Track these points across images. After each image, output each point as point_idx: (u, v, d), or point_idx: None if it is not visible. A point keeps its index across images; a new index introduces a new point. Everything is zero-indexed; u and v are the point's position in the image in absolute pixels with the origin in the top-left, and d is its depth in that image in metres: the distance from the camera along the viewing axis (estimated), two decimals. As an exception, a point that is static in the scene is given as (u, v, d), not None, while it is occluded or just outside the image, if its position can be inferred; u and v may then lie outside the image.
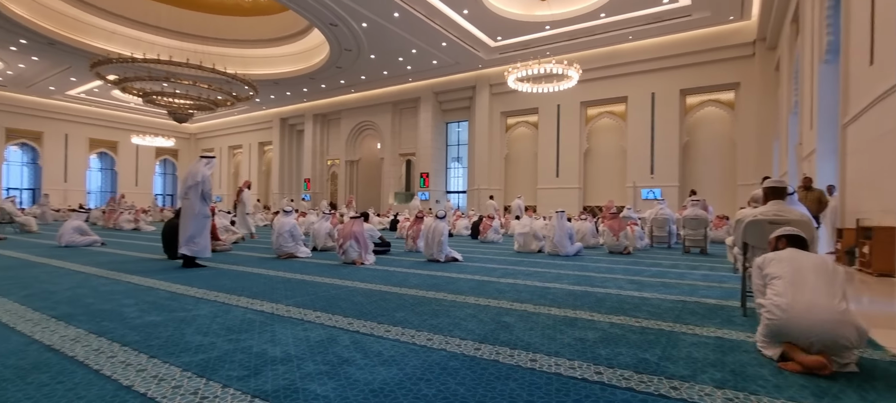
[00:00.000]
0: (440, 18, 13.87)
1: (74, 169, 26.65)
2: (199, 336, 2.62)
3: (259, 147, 29.02)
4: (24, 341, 2.52)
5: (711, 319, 3.18)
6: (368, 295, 3.93)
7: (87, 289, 4.07)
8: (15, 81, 21.21)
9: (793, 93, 10.20)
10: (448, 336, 2.70)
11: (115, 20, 16.32)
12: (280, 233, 6.77)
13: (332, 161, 24.91)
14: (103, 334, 2.66)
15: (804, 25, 8.83)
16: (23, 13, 14.33)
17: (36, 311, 3.22)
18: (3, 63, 18.57)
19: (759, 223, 3.38)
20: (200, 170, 5.63)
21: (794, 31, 10.17)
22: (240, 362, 2.20)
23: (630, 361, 2.27)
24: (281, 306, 3.47)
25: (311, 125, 24.95)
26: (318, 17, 13.68)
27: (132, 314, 3.17)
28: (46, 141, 25.41)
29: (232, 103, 18.58)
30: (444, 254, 6.40)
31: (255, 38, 18.57)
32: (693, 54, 14.93)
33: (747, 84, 14.34)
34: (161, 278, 4.74)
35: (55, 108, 25.00)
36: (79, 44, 16.18)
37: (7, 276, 4.73)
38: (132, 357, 2.27)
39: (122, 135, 28.06)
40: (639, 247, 8.71)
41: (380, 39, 15.33)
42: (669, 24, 14.08)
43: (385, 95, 21.67)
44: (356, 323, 2.98)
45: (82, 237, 8.19)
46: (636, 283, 4.72)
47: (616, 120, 17.04)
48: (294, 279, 4.80)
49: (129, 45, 16.26)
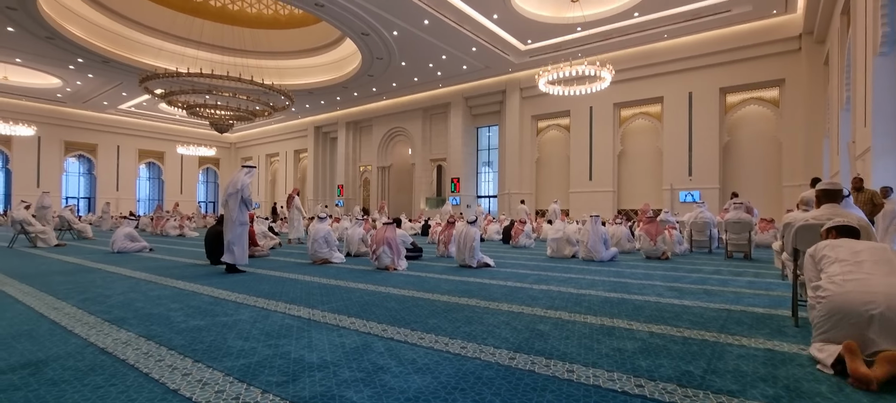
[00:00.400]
0: (470, 24, 13.91)
1: (125, 178, 28.32)
2: (240, 341, 2.72)
3: (295, 154, 29.92)
4: (81, 343, 2.69)
5: (760, 329, 3.01)
6: (401, 301, 3.96)
7: (138, 294, 4.30)
8: (73, 98, 22.80)
9: (844, 88, 9.59)
10: (482, 344, 2.68)
11: (163, 37, 17.29)
12: (315, 239, 6.93)
13: (365, 167, 25.36)
14: (152, 337, 2.80)
15: (856, 16, 8.30)
16: (81, 34, 15.41)
17: (92, 315, 3.42)
18: (62, 81, 20.00)
19: (813, 228, 3.18)
20: (241, 178, 5.86)
21: (845, 22, 9.57)
22: (279, 367, 2.26)
23: (672, 374, 2.18)
24: (317, 311, 3.54)
25: (344, 132, 25.51)
26: (351, 27, 14.00)
27: (178, 318, 3.31)
28: (100, 152, 27.14)
29: (269, 113, 19.25)
30: (476, 260, 6.37)
31: (291, 50, 19.21)
32: (733, 51, 14.29)
33: (793, 80, 13.58)
34: (204, 283, 4.94)
35: (108, 122, 26.69)
36: (130, 61, 17.23)
37: (67, 281, 5.07)
38: (178, 361, 2.38)
39: (168, 146, 29.61)
40: (677, 252, 8.38)
41: (410, 47, 15.52)
42: (708, 21, 13.54)
43: (415, 101, 21.89)
44: (390, 329, 3.01)
45: (133, 243, 8.66)
46: (676, 290, 4.54)
47: (651, 121, 16.52)
48: (329, 284, 4.90)
49: (175, 60, 17.17)
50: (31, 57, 16.78)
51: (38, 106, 23.63)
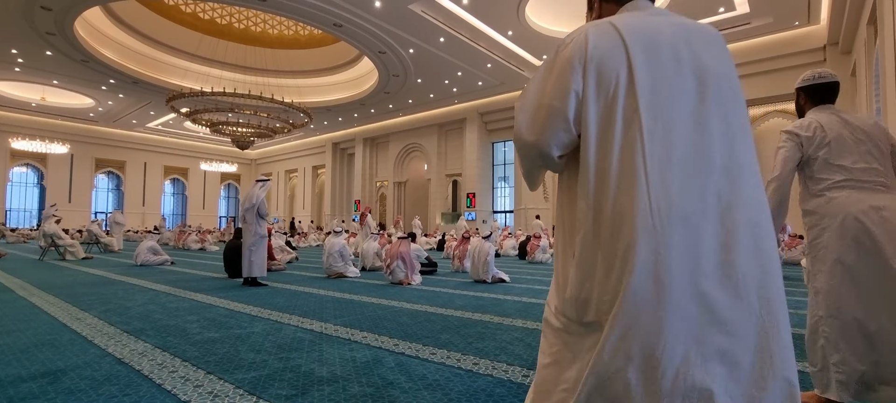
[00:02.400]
0: (485, 41, 14.03)
1: (151, 194, 29.21)
2: (252, 354, 2.72)
3: (313, 170, 30.42)
4: (99, 353, 2.73)
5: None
6: (414, 316, 3.92)
7: (157, 306, 4.37)
8: (104, 117, 23.78)
9: (874, 100, 9.28)
10: (494, 360, 2.62)
11: (190, 58, 17.96)
12: (330, 253, 6.98)
13: (381, 182, 25.58)
14: (167, 349, 2.83)
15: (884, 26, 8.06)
16: (113, 57, 16.13)
17: (112, 325, 3.49)
18: (95, 101, 20.91)
19: (841, 243, 3.04)
20: (256, 192, 6.00)
21: (873, 32, 9.30)
22: (289, 381, 2.25)
23: (693, 395, 2.08)
24: (329, 325, 3.54)
25: (361, 148, 25.86)
26: (368, 46, 14.28)
27: (194, 330, 3.35)
28: (128, 169, 28.12)
29: (289, 130, 19.68)
30: (490, 275, 6.30)
31: (310, 69, 19.70)
32: (754, 63, 14.01)
33: (819, 92, 13.22)
34: (221, 295, 5.01)
35: (136, 139, 27.70)
36: (158, 81, 17.92)
37: (91, 292, 5.20)
38: (191, 372, 2.39)
39: (191, 162, 30.49)
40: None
41: (426, 64, 15.72)
42: (727, 34, 13.34)
43: (431, 118, 22.08)
44: (401, 344, 2.98)
45: (155, 256, 8.87)
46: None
47: (671, 135, 16.26)
48: (342, 298, 4.90)
49: (200, 80, 17.78)
50: (66, 79, 17.62)
51: (72, 125, 24.71)
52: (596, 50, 0.98)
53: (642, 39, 0.99)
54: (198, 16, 16.51)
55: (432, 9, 12.05)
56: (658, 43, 1.00)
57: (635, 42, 0.98)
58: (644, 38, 0.99)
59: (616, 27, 1.01)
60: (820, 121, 2.07)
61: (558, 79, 1.00)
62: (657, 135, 0.94)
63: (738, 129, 0.99)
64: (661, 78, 0.97)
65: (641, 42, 0.99)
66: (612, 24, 1.02)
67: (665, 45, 1.00)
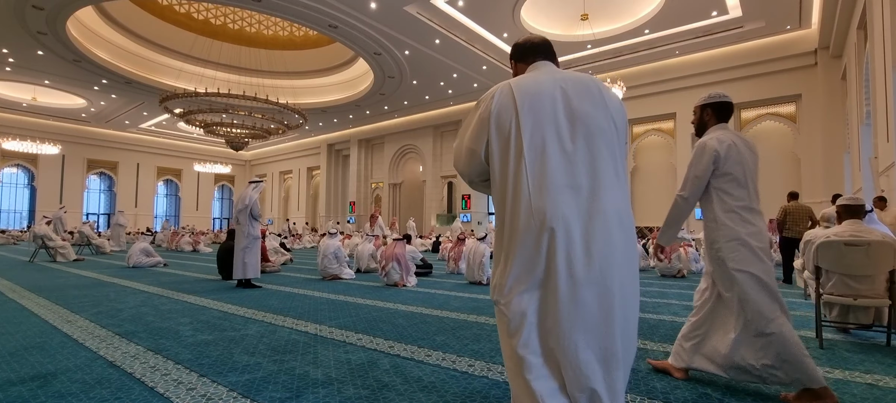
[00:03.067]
0: (480, 43, 14.05)
1: (144, 195, 28.95)
2: (246, 356, 2.70)
3: (307, 172, 30.28)
4: (90, 356, 2.70)
5: (781, 351, 2.89)
6: (409, 318, 3.91)
7: (149, 308, 4.33)
8: (96, 117, 23.54)
9: (864, 104, 9.39)
10: (490, 362, 2.62)
11: (183, 59, 17.83)
12: (325, 255, 6.95)
13: (376, 184, 25.52)
14: (160, 351, 2.80)
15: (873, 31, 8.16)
16: (106, 57, 15.98)
17: (103, 328, 3.45)
18: (87, 101, 20.70)
19: (835, 244, 3.08)
20: (249, 193, 5.96)
21: (862, 37, 9.42)
22: (283, 383, 2.23)
23: (689, 396, 2.09)
24: (324, 327, 3.52)
25: (356, 150, 25.79)
26: (364, 47, 14.26)
27: (187, 332, 3.32)
28: (121, 170, 27.85)
29: (283, 131, 19.58)
30: (486, 276, 6.30)
31: (305, 70, 19.63)
32: (747, 66, 14.14)
33: (810, 95, 13.35)
34: (214, 298, 4.97)
35: (129, 140, 27.45)
36: (151, 82, 17.77)
37: (82, 294, 5.14)
38: (184, 375, 2.37)
39: (185, 163, 30.26)
40: (694, 270, 8.18)
41: (421, 65, 15.72)
42: (720, 37, 13.47)
43: (427, 119, 22.08)
44: (397, 346, 2.96)
45: (148, 258, 8.79)
46: (692, 309, 4.40)
47: (664, 137, 16.35)
48: (337, 300, 4.88)
49: (194, 80, 17.66)
50: (58, 79, 17.43)
51: (64, 125, 24.45)
52: (497, 107, 1.43)
53: (529, 95, 1.41)
54: (192, 16, 16.42)
55: (427, 10, 12.06)
56: (541, 95, 1.42)
57: (523, 98, 1.41)
58: (530, 94, 1.42)
59: (512, 88, 1.44)
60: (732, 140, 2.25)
61: (475, 130, 1.48)
62: (536, 166, 1.36)
63: (600, 157, 1.38)
64: (540, 123, 1.39)
65: (528, 97, 1.41)
66: (510, 85, 1.45)
67: (546, 96, 1.42)
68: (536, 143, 1.37)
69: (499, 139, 1.42)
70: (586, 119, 1.40)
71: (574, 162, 1.37)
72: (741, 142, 2.24)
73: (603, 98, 1.45)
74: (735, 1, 11.56)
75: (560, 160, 1.36)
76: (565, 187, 1.34)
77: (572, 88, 1.43)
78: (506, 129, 1.41)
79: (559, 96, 1.42)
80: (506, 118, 1.41)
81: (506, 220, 1.41)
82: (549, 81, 1.45)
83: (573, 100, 1.41)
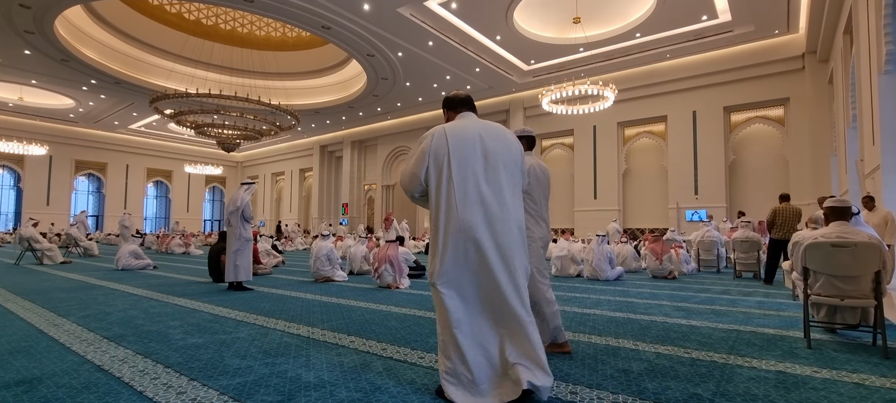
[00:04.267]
0: (473, 45, 14.09)
1: (133, 196, 28.59)
2: (237, 360, 2.67)
3: (300, 173, 30.12)
4: (77, 361, 2.66)
5: (771, 351, 2.93)
6: (402, 320, 3.90)
7: (139, 311, 4.27)
8: (85, 118, 23.22)
9: (850, 107, 9.55)
10: (483, 364, 2.61)
11: (174, 59, 17.66)
12: (317, 257, 6.91)
13: (369, 186, 25.45)
14: (149, 355, 2.77)
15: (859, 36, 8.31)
16: (95, 57, 15.78)
17: (91, 332, 3.40)
18: (75, 102, 20.41)
19: (822, 246, 3.12)
20: (240, 194, 5.90)
21: (848, 42, 9.58)
22: (275, 387, 2.22)
23: (680, 396, 2.11)
24: (317, 329, 3.50)
25: (349, 151, 25.70)
26: (357, 48, 14.23)
27: (177, 336, 3.28)
28: (110, 171, 27.48)
29: (276, 132, 19.46)
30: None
31: (298, 71, 19.53)
32: (736, 70, 14.32)
33: (798, 98, 13.56)
34: (205, 300, 4.91)
35: (118, 141, 27.10)
36: (142, 82, 17.57)
37: (69, 297, 5.06)
38: (173, 379, 2.34)
39: (175, 165, 29.94)
40: (685, 272, 8.25)
41: (415, 67, 15.71)
42: (710, 41, 13.63)
43: (420, 121, 22.07)
44: (390, 348, 2.96)
45: (137, 261, 8.68)
46: (683, 310, 4.45)
47: (656, 139, 16.50)
48: (330, 303, 4.85)
49: (185, 81, 17.49)
50: (45, 78, 17.17)
51: (51, 126, 24.08)
52: (435, 145, 2.06)
53: (457, 136, 2.05)
54: (183, 16, 16.26)
55: (421, 12, 12.07)
56: (464, 138, 2.06)
57: (453, 139, 2.05)
58: (457, 136, 2.06)
59: (445, 132, 2.07)
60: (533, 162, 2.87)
61: (417, 159, 2.09)
62: (459, 188, 2.00)
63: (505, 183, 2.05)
64: (464, 157, 2.02)
65: (456, 138, 2.05)
66: (444, 129, 2.08)
67: (468, 139, 2.06)
68: (462, 173, 2.01)
69: (435, 168, 2.05)
70: (496, 156, 2.07)
71: (487, 186, 2.03)
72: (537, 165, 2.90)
73: (508, 141, 2.15)
74: (724, 5, 11.71)
75: (477, 185, 2.02)
76: (480, 203, 2.00)
77: (487, 134, 2.10)
78: (440, 162, 2.04)
79: (478, 140, 2.07)
80: (441, 154, 2.04)
81: (440, 225, 2.02)
82: (472, 128, 2.11)
83: (487, 143, 2.08)
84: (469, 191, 1.98)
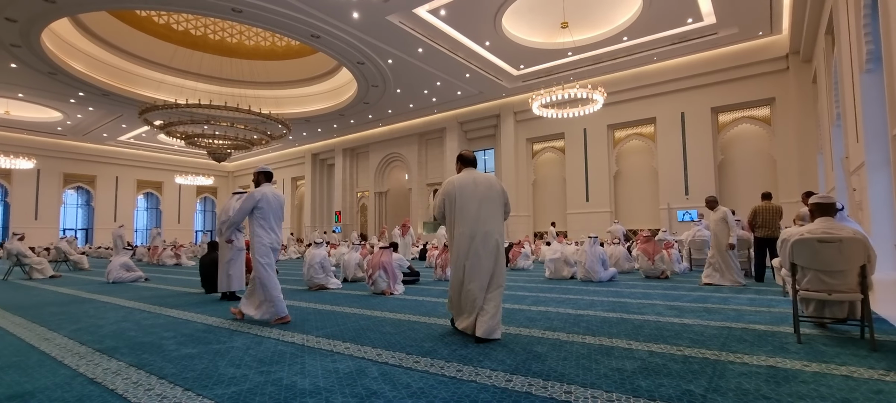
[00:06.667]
0: (463, 51, 14.18)
1: (124, 208, 28.25)
2: (232, 369, 2.66)
3: (292, 182, 29.98)
4: (70, 374, 2.63)
5: (762, 347, 2.97)
6: (397, 326, 3.90)
7: (131, 323, 4.23)
8: (73, 130, 22.97)
9: (834, 105, 9.74)
10: (478, 367, 2.63)
11: (163, 70, 17.56)
12: (311, 265, 6.88)
13: (362, 193, 25.40)
14: (143, 367, 2.75)
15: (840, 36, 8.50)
16: (82, 69, 15.64)
17: (83, 345, 3.36)
18: (63, 114, 20.19)
19: (808, 242, 3.18)
20: (231, 204, 5.85)
21: (830, 42, 9.80)
22: (270, 394, 2.21)
23: (673, 393, 2.14)
24: (311, 337, 3.49)
25: (341, 159, 25.65)
26: (346, 56, 14.26)
27: (170, 346, 3.26)
28: (99, 184, 27.16)
29: (267, 142, 19.38)
30: (473, 283, 6.32)
31: (288, 80, 19.50)
32: (723, 71, 14.56)
33: (783, 98, 13.80)
34: (198, 311, 4.87)
35: (107, 153, 26.81)
36: (130, 94, 17.43)
37: (60, 312, 4.99)
38: (168, 389, 2.32)
39: (166, 176, 29.67)
40: (677, 271, 8.33)
41: (405, 74, 15.77)
42: (696, 43, 13.85)
43: (411, 127, 22.11)
44: (385, 354, 2.96)
45: (128, 273, 8.58)
46: (676, 309, 4.49)
47: (645, 141, 16.68)
48: (324, 310, 4.83)
49: (174, 92, 17.39)
50: (33, 92, 16.98)
51: (39, 139, 23.77)
52: (447, 190, 3.57)
53: (461, 185, 3.54)
54: (171, 27, 16.20)
55: (410, 20, 12.14)
56: (466, 185, 3.53)
57: (459, 187, 3.53)
58: (462, 185, 3.53)
59: (453, 182, 3.58)
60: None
61: (440, 200, 3.62)
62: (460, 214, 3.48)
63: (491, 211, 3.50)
64: (465, 198, 3.49)
65: (461, 186, 3.53)
66: (454, 181, 3.57)
67: (468, 186, 3.53)
68: (462, 205, 3.47)
69: (449, 204, 3.53)
70: (485, 195, 3.50)
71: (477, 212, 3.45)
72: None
73: (492, 184, 3.57)
74: (709, 8, 11.91)
75: (472, 212, 3.45)
76: (473, 221, 3.43)
77: (481, 181, 3.55)
78: (452, 199, 3.51)
79: (474, 186, 3.52)
80: (453, 195, 3.51)
81: (454, 233, 3.49)
82: (471, 179, 3.55)
83: (480, 188, 3.51)
84: (467, 216, 3.43)
